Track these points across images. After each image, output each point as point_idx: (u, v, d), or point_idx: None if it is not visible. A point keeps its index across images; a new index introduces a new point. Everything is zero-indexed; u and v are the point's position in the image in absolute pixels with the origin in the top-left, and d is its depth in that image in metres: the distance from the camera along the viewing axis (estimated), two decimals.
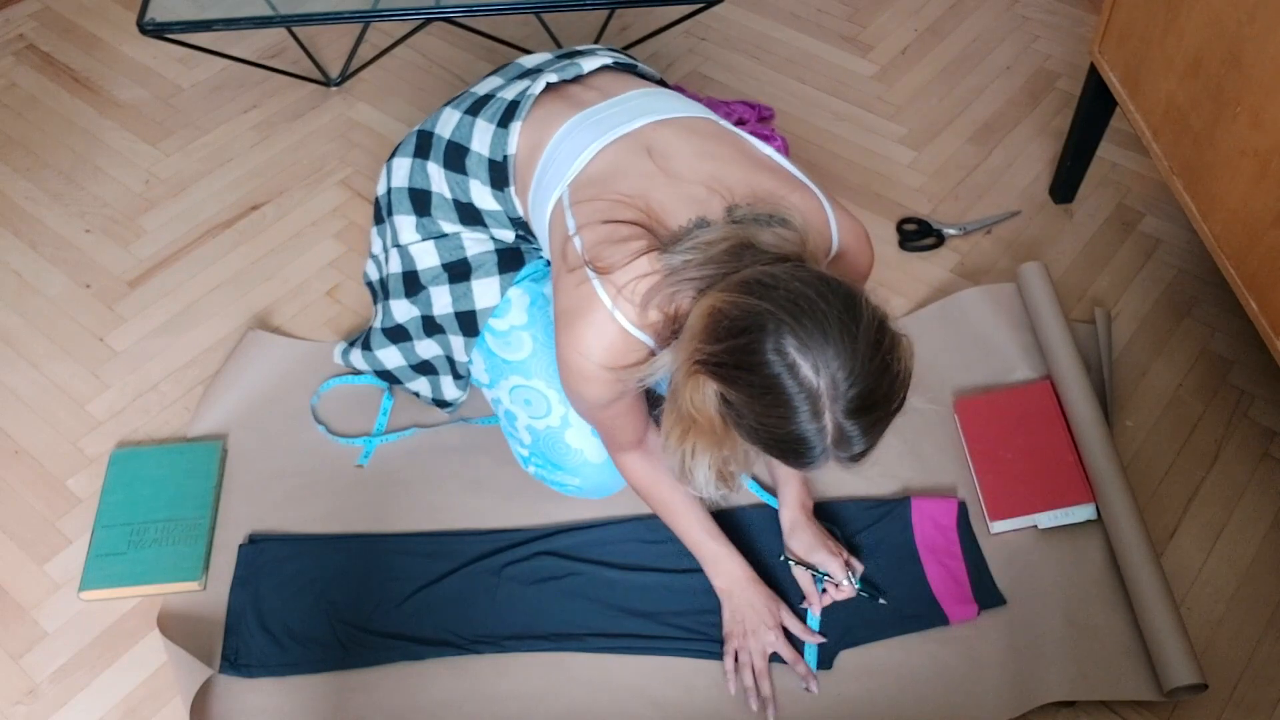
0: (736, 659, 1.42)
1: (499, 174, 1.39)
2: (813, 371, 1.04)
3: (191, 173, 2.06)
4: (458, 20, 2.23)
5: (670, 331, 1.19)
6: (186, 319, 1.84)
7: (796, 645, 1.45)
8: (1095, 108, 1.82)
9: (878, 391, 1.06)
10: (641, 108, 1.33)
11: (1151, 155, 1.65)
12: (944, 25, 2.33)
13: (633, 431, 1.37)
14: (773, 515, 1.54)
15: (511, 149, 1.37)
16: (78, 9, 2.38)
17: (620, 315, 1.19)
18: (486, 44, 2.27)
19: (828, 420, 1.05)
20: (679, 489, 1.42)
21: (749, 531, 1.54)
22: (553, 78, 1.40)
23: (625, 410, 1.32)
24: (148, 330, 1.82)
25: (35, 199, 2.02)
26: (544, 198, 1.32)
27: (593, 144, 1.29)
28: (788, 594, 1.48)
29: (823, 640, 1.44)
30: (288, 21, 1.99)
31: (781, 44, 2.29)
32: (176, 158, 2.09)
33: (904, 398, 1.10)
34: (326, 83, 2.22)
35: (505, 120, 1.39)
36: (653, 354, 1.20)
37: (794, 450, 1.08)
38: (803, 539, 1.47)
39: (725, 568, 1.44)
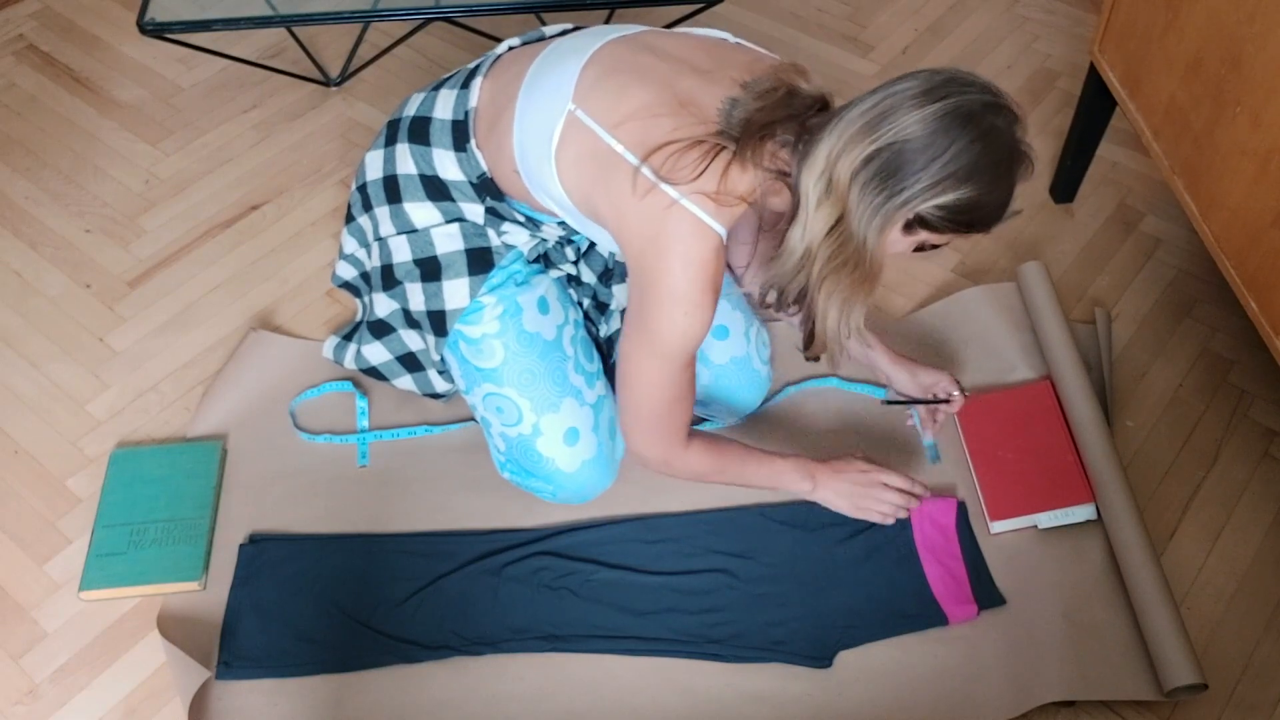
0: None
1: (460, 133, 1.40)
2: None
3: (191, 173, 2.06)
4: (458, 20, 2.23)
5: (763, 212, 1.27)
6: (186, 319, 1.84)
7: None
8: (1095, 107, 1.82)
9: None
10: (607, 29, 1.35)
11: (1152, 155, 1.65)
12: (944, 25, 2.33)
13: (692, 397, 1.36)
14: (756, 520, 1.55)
15: (472, 103, 1.38)
16: (78, 9, 2.38)
17: (703, 213, 1.22)
18: (486, 44, 2.26)
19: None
20: (726, 441, 1.45)
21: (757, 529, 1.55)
22: (515, 42, 1.44)
23: (690, 365, 1.33)
24: (148, 330, 1.82)
25: (35, 199, 2.02)
26: (538, 119, 1.30)
27: (584, 51, 1.30)
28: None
29: (932, 441, 1.61)
30: (288, 21, 1.99)
31: (781, 44, 2.29)
32: (176, 158, 2.09)
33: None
34: (326, 83, 2.22)
35: (466, 82, 1.41)
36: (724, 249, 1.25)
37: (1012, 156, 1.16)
38: (906, 369, 1.57)
39: (804, 469, 1.50)
